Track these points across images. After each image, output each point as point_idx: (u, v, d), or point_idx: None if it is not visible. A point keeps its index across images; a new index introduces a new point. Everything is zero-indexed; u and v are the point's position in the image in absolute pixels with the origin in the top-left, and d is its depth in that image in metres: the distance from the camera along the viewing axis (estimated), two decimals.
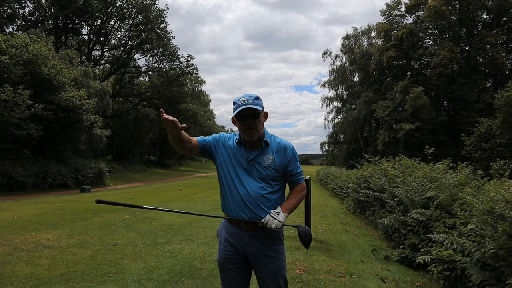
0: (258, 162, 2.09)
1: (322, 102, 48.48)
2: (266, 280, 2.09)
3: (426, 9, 32.52)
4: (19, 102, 15.11)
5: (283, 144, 2.16)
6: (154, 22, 35.31)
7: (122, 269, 4.28)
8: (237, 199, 2.06)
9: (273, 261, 2.08)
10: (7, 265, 4.44)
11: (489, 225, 3.43)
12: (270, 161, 2.09)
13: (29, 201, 12.44)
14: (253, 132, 2.05)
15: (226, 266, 2.12)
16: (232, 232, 2.11)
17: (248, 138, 2.09)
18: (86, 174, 20.37)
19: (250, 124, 2.03)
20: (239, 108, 2.03)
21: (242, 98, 2.07)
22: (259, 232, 2.06)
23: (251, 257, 2.09)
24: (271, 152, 2.11)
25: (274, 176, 2.09)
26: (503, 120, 21.88)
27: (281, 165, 2.10)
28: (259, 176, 2.07)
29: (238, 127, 2.11)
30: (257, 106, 2.04)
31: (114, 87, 36.87)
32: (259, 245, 2.06)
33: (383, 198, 7.31)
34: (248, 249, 2.07)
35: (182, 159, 64.30)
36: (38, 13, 30.43)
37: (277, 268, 2.09)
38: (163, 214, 8.57)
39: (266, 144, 2.12)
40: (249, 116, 2.03)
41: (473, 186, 5.26)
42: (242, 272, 2.13)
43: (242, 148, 2.13)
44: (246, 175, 2.08)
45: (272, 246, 2.09)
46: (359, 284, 4.02)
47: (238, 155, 2.12)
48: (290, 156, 2.14)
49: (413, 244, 5.31)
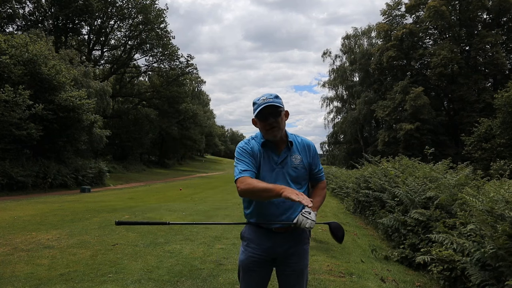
0: (287, 163, 2.06)
1: (322, 102, 48.61)
2: (292, 279, 2.09)
3: (426, 9, 32.54)
4: (19, 102, 15.11)
5: (306, 142, 2.16)
6: (154, 22, 35.30)
7: (122, 269, 4.28)
8: (270, 203, 1.99)
9: (301, 260, 2.09)
10: (7, 265, 4.44)
11: (488, 225, 3.43)
12: (299, 160, 2.08)
13: (29, 201, 12.44)
14: (275, 131, 2.00)
15: (251, 268, 2.09)
16: (262, 234, 2.06)
17: (271, 138, 2.04)
18: (86, 174, 20.37)
19: (272, 122, 1.99)
20: (259, 107, 1.97)
21: (262, 97, 2.02)
22: (290, 233, 2.05)
23: (280, 258, 2.08)
24: (297, 152, 2.10)
25: (304, 176, 2.09)
26: (503, 120, 21.89)
27: (308, 164, 2.10)
28: (291, 177, 2.04)
29: (260, 128, 2.05)
30: (277, 103, 2.00)
31: (114, 87, 36.84)
32: (290, 246, 2.06)
33: (383, 198, 7.31)
34: (279, 250, 2.06)
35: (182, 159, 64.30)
36: (38, 13, 30.42)
37: (304, 266, 2.11)
38: (163, 214, 8.58)
39: (291, 144, 2.09)
40: (271, 114, 1.98)
41: (473, 186, 5.26)
42: (266, 274, 2.12)
43: (268, 151, 2.08)
44: (277, 178, 2.02)
45: (302, 246, 2.10)
46: (359, 284, 4.02)
47: (267, 158, 2.06)
48: (313, 153, 2.14)
49: (413, 244, 5.31)
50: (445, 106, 37.22)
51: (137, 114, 40.59)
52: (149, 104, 42.23)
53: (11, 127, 15.26)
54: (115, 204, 11.26)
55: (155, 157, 52.23)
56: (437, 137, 31.44)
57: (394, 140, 33.06)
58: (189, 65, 39.67)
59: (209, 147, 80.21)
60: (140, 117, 40.47)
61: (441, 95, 36.91)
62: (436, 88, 36.15)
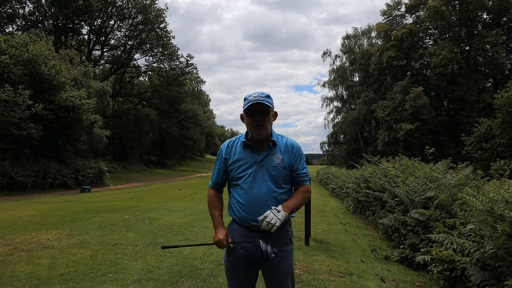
0: (267, 162, 2.05)
1: (322, 102, 48.58)
2: (276, 280, 2.06)
3: (426, 9, 32.52)
4: (19, 102, 15.11)
5: (289, 142, 2.13)
6: (154, 22, 35.31)
7: (122, 269, 4.28)
8: (248, 202, 2.02)
9: (282, 261, 2.05)
10: (7, 265, 4.44)
11: (488, 225, 3.43)
12: (280, 160, 2.06)
13: (29, 201, 12.44)
14: (261, 129, 2.02)
15: (235, 268, 2.10)
16: (242, 233, 2.07)
17: (256, 135, 2.06)
18: (86, 174, 20.37)
19: (259, 120, 2.01)
20: (249, 103, 2.00)
21: (254, 94, 2.04)
22: (270, 233, 1.98)
23: (261, 259, 2.04)
24: (279, 152, 2.08)
25: (284, 176, 2.06)
26: (503, 120, 21.89)
27: (289, 164, 2.08)
28: (270, 177, 2.04)
29: (247, 124, 2.08)
30: (267, 102, 2.01)
31: (114, 87, 36.84)
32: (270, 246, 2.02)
33: (383, 198, 7.32)
34: (260, 250, 2.03)
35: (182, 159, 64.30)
36: (38, 13, 30.41)
37: (287, 268, 2.07)
38: (163, 214, 8.58)
39: (273, 143, 2.09)
40: (259, 112, 2.00)
41: (473, 186, 5.26)
42: (250, 273, 2.11)
43: (249, 150, 2.09)
44: (256, 177, 2.04)
45: (283, 247, 2.06)
46: (359, 284, 4.02)
47: (247, 157, 2.08)
48: (296, 154, 2.11)
49: (413, 244, 5.31)
50: (445, 106, 37.20)
51: (137, 114, 40.58)
52: (149, 104, 42.23)
53: (11, 127, 15.26)
54: (115, 204, 11.26)
55: (155, 157, 52.23)
56: (437, 137, 31.43)
57: (394, 140, 33.05)
58: (189, 65, 39.69)
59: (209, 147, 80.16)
60: (140, 117, 40.46)
61: (441, 95, 36.90)
62: (436, 88, 36.13)
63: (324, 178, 25.26)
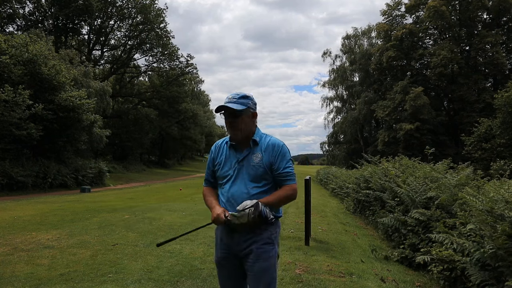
0: (247, 161, 2.08)
1: (322, 102, 48.56)
2: (251, 280, 2.03)
3: (426, 9, 32.52)
4: (19, 102, 15.11)
5: (272, 142, 2.12)
6: (153, 22, 35.31)
7: (122, 269, 4.28)
8: (228, 200, 2.07)
9: (258, 261, 2.00)
10: (7, 265, 4.44)
11: (488, 225, 3.44)
12: (259, 159, 2.07)
13: (29, 201, 12.43)
14: (234, 131, 2.07)
15: (222, 265, 2.15)
16: (224, 231, 2.12)
17: (231, 135, 2.11)
18: (86, 174, 20.37)
19: (231, 122, 2.06)
20: (218, 105, 2.06)
21: (229, 96, 2.09)
22: (248, 232, 2.02)
23: (241, 257, 2.07)
24: (259, 151, 2.09)
25: (264, 175, 2.07)
26: (503, 120, 21.89)
27: (269, 163, 2.07)
28: (250, 176, 2.06)
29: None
30: (237, 105, 2.03)
31: (114, 87, 36.84)
32: (247, 245, 2.03)
33: (383, 198, 7.32)
34: (236, 248, 2.06)
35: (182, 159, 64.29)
36: (38, 13, 30.42)
37: (262, 269, 1.99)
38: (163, 214, 8.58)
39: (254, 143, 2.10)
40: (230, 114, 2.05)
41: (473, 186, 5.27)
42: (236, 272, 2.12)
43: (233, 150, 2.14)
44: (237, 176, 2.08)
45: (261, 245, 2.02)
46: (359, 284, 4.02)
47: (231, 157, 2.13)
48: (277, 153, 2.08)
49: (413, 244, 5.31)
50: (445, 106, 37.21)
51: (137, 114, 40.58)
52: (149, 104, 42.22)
53: (11, 127, 15.26)
54: (115, 204, 11.26)
55: (155, 157, 52.23)
56: (437, 137, 31.43)
57: (394, 140, 33.06)
58: (189, 65, 39.70)
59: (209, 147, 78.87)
60: (140, 117, 40.45)
61: (441, 95, 36.90)
62: (436, 88, 36.14)
63: (324, 178, 25.25)
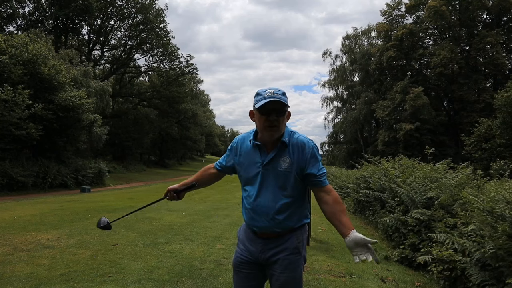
0: (274, 166, 1.84)
1: (322, 102, 48.65)
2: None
3: (426, 9, 32.55)
4: (19, 102, 15.10)
5: (300, 141, 1.86)
6: (153, 22, 35.33)
7: (122, 269, 4.28)
8: (253, 209, 1.89)
9: (285, 271, 1.87)
10: (7, 265, 4.44)
11: (488, 225, 3.43)
12: (287, 164, 1.82)
13: (29, 201, 12.43)
14: (274, 130, 1.79)
15: (239, 268, 2.02)
16: (249, 236, 1.99)
17: (267, 137, 1.83)
18: (86, 174, 20.36)
19: (273, 120, 1.77)
20: (264, 100, 1.74)
21: (269, 90, 1.78)
22: (273, 240, 1.90)
23: (265, 265, 1.96)
24: (288, 154, 1.84)
25: (293, 182, 1.84)
26: (503, 120, 21.91)
27: (299, 169, 1.83)
28: (277, 182, 1.84)
29: (258, 123, 1.84)
30: (285, 101, 1.78)
31: (114, 87, 36.85)
32: (272, 254, 1.90)
33: (383, 198, 7.31)
34: (262, 256, 1.92)
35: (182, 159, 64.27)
36: (38, 13, 30.42)
37: (289, 278, 1.87)
38: (163, 214, 8.58)
39: (283, 144, 1.84)
40: (275, 111, 1.76)
41: (474, 186, 5.26)
42: (256, 275, 2.00)
43: (257, 151, 1.89)
44: (263, 183, 1.86)
45: (287, 255, 1.89)
46: (359, 284, 4.02)
47: (255, 159, 1.89)
48: (309, 156, 1.84)
49: (413, 244, 5.31)
50: (445, 106, 37.24)
51: (137, 114, 40.60)
52: (149, 104, 42.24)
53: (10, 127, 15.25)
54: (115, 204, 11.26)
55: (155, 157, 52.21)
56: (437, 137, 31.45)
57: (394, 140, 33.09)
58: (189, 65, 39.72)
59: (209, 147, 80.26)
60: (140, 117, 40.48)
61: (441, 95, 36.93)
62: (436, 88, 36.17)
63: None
